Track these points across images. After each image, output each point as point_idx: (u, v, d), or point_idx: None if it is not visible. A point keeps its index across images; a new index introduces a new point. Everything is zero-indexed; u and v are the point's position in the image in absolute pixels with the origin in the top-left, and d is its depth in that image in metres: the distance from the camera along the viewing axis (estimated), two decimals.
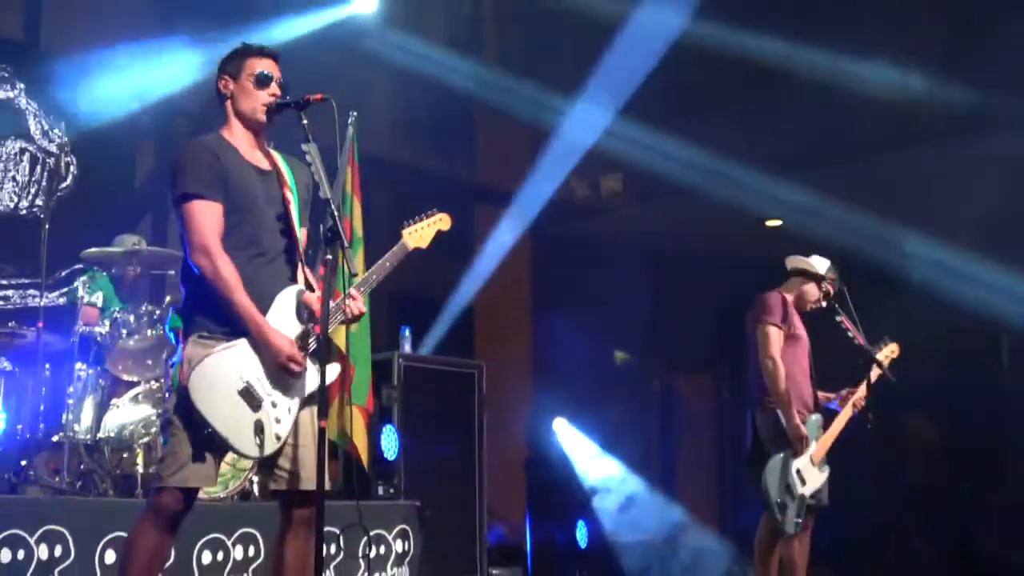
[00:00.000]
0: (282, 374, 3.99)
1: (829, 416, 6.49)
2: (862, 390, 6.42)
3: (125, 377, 6.70)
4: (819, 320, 6.53)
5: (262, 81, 4.16)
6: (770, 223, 10.09)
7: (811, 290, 6.61)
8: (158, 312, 6.76)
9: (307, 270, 4.23)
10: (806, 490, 6.24)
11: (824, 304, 6.58)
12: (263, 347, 3.94)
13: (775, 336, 6.38)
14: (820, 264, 6.64)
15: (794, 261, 6.70)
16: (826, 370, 6.54)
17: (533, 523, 10.26)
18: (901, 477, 8.83)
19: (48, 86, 8.46)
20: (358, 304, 4.13)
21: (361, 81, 9.46)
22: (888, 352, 6.62)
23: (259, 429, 3.91)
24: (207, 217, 3.96)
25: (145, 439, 6.39)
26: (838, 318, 6.22)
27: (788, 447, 6.24)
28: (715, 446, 10.86)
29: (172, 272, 7.03)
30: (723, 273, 9.34)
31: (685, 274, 10.68)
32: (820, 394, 6.60)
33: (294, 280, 4.16)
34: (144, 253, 7.03)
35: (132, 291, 7.19)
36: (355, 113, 7.31)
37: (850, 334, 6.26)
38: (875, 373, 6.39)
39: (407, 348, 8.42)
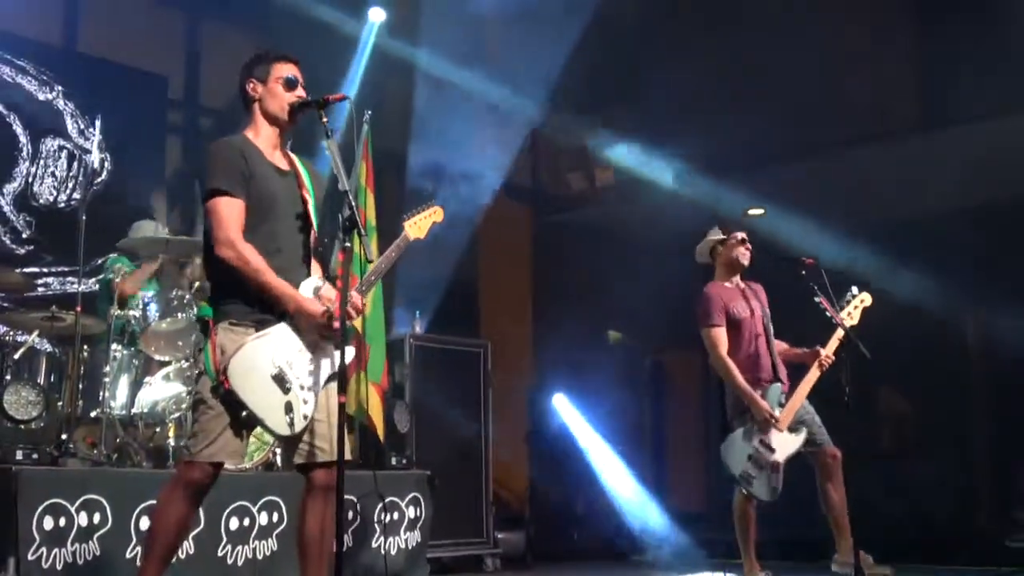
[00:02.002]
0: (309, 358, 4.02)
1: (796, 375, 6.28)
2: (830, 348, 6.18)
3: (157, 357, 6.72)
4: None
5: (290, 84, 4.18)
6: (752, 211, 10.05)
7: (728, 256, 6.46)
8: (187, 297, 6.76)
9: (318, 264, 4.24)
10: (778, 456, 6.06)
11: (748, 253, 6.44)
12: (299, 314, 3.97)
13: (718, 337, 6.25)
14: (714, 233, 6.52)
15: (699, 252, 6.60)
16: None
17: (535, 491, 10.27)
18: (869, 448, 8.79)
19: (84, 88, 8.44)
20: (357, 303, 4.15)
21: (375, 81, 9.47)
22: (858, 303, 6.41)
23: (289, 409, 3.95)
24: (231, 212, 3.97)
25: (176, 414, 6.40)
26: (816, 299, 6.02)
27: (750, 421, 6.12)
28: (702, 422, 10.84)
29: (199, 261, 7.00)
30: None
31: (675, 254, 10.61)
32: (787, 350, 6.43)
33: (309, 273, 4.16)
34: (173, 242, 7.03)
35: (159, 277, 7.18)
36: (370, 112, 7.34)
37: (828, 314, 6.09)
38: (840, 335, 6.16)
39: (419, 329, 8.43)
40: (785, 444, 6.12)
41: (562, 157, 10.83)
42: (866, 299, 6.47)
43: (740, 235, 6.53)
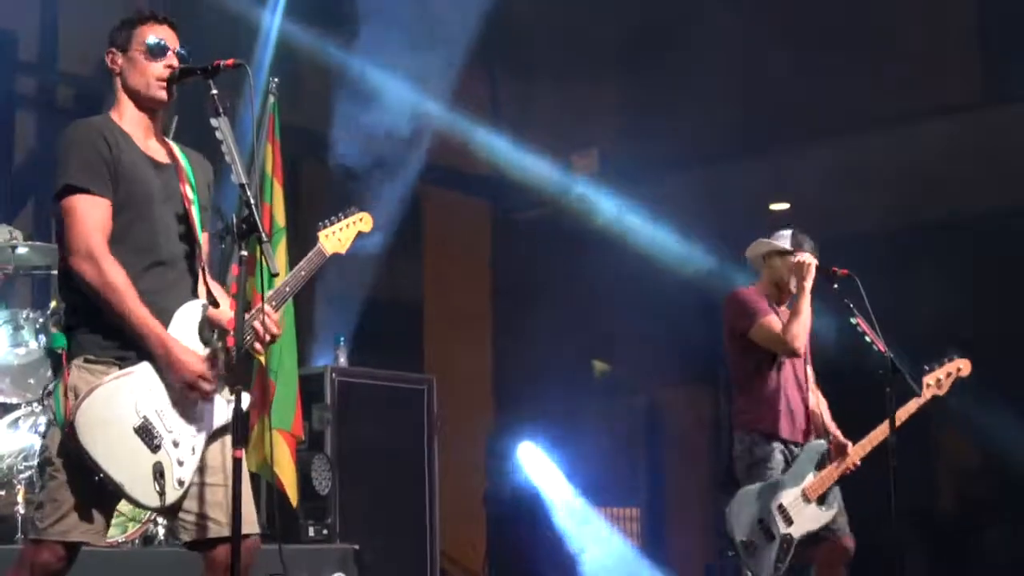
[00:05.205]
0: (186, 405, 3.99)
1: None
2: (902, 415, 6.05)
3: (1, 399, 6.68)
4: None
5: (155, 51, 4.15)
6: (775, 207, 10.17)
7: (777, 275, 6.41)
8: (41, 320, 6.75)
9: (209, 280, 4.22)
10: (793, 531, 6.06)
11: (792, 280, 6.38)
12: (166, 365, 3.93)
13: (772, 324, 6.21)
14: (780, 238, 6.44)
15: (750, 251, 6.56)
16: None
17: (494, 567, 10.30)
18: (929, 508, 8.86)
19: None
20: (271, 325, 4.10)
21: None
22: (952, 369, 6.33)
23: (159, 473, 3.90)
24: (92, 214, 3.96)
25: (27, 473, 6.33)
26: (853, 320, 5.97)
27: (766, 479, 6.13)
28: (712, 474, 10.90)
29: (56, 272, 7.00)
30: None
31: (676, 269, 10.70)
32: (836, 438, 6.35)
33: (195, 292, 4.16)
34: (20, 249, 6.99)
35: (4, 294, 7.18)
36: (276, 79, 7.38)
37: (868, 339, 5.99)
38: (914, 405, 6.14)
39: (342, 360, 8.45)
40: (808, 518, 6.14)
41: None
42: (964, 367, 6.39)
43: (804, 257, 6.32)
